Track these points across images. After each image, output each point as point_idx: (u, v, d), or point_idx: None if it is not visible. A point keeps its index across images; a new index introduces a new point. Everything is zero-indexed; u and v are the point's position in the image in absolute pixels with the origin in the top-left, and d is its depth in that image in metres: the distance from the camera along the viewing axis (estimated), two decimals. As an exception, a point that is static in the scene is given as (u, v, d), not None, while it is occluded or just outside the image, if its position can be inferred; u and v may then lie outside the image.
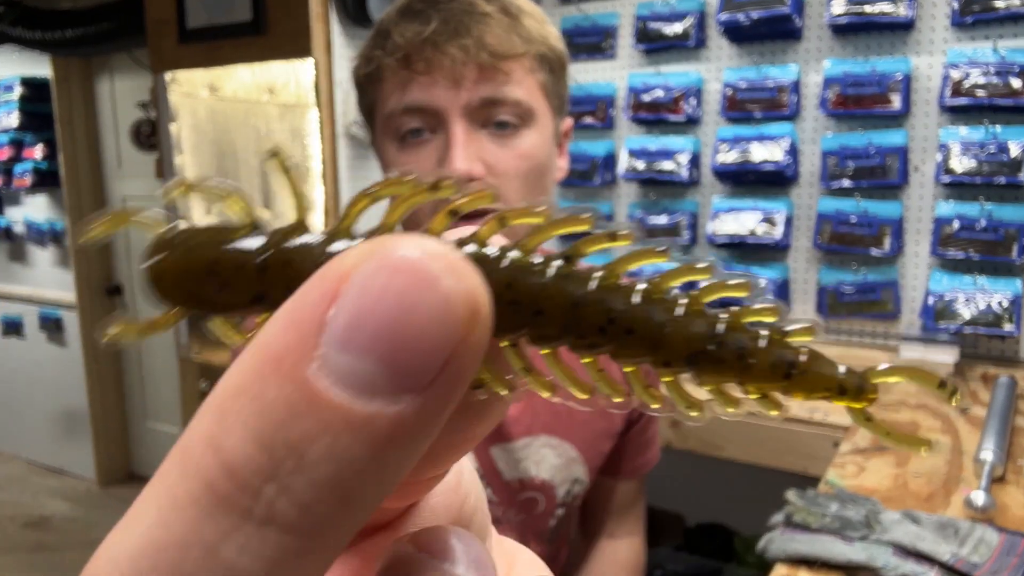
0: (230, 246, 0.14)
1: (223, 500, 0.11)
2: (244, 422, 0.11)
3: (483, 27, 0.59)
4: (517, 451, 0.72)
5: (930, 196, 1.45)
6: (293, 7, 1.60)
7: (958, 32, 1.41)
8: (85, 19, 2.31)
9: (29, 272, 3.21)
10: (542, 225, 0.14)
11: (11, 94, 2.94)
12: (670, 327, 0.14)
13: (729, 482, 1.83)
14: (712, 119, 1.65)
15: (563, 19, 1.80)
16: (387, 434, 0.11)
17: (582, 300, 0.14)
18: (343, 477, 0.11)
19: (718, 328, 0.14)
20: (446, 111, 0.61)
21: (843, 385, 0.15)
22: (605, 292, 0.14)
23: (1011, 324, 1.31)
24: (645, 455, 0.85)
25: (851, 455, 0.94)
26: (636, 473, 0.85)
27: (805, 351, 0.14)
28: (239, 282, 0.14)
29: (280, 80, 1.72)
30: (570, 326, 0.14)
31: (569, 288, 0.14)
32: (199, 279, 0.14)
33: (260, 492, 0.11)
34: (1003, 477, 0.86)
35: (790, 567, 0.68)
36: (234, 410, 0.11)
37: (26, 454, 3.39)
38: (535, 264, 0.14)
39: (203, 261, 0.14)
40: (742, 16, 1.51)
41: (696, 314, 0.14)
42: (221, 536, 0.11)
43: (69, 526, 2.79)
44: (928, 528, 0.70)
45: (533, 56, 0.62)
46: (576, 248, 0.14)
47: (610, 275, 0.15)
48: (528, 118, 0.63)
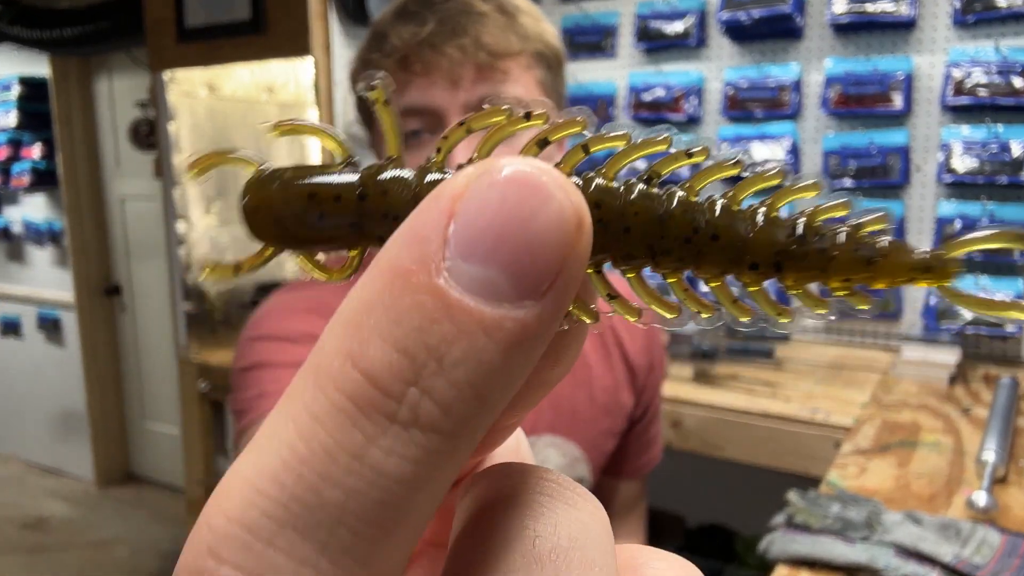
0: (327, 179, 0.15)
1: (367, 406, 0.12)
2: (382, 332, 0.12)
3: (480, 26, 0.60)
4: None
5: (932, 196, 1.45)
6: (292, 6, 1.60)
7: (960, 31, 1.40)
8: (83, 18, 2.30)
9: (27, 272, 3.21)
10: (624, 149, 0.15)
11: (9, 93, 2.94)
12: (753, 231, 0.15)
13: (730, 483, 1.83)
14: (713, 118, 1.65)
15: (563, 18, 1.80)
16: (514, 336, 0.12)
17: (667, 214, 0.15)
18: (478, 376, 0.12)
19: (798, 229, 0.15)
20: (445, 111, 0.61)
21: (926, 264, 0.15)
22: (688, 205, 0.15)
23: (1013, 324, 1.31)
24: (647, 454, 0.85)
25: (852, 456, 0.94)
26: (638, 473, 0.85)
27: (884, 239, 0.15)
28: (338, 212, 0.15)
29: (279, 79, 1.72)
30: (656, 242, 0.15)
31: (654, 205, 0.15)
32: (297, 211, 0.15)
33: (404, 396, 0.12)
34: (1005, 478, 0.86)
35: (791, 568, 0.68)
36: (369, 323, 0.12)
37: (24, 455, 3.38)
38: (620, 184, 0.15)
39: (303, 193, 0.15)
40: (743, 15, 1.51)
41: (775, 218, 0.15)
42: (367, 441, 0.12)
43: (67, 527, 2.78)
44: (930, 529, 0.70)
45: (530, 54, 0.62)
46: (655, 168, 0.15)
47: (690, 191, 0.15)
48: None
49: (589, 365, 0.76)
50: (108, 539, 2.67)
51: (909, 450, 0.96)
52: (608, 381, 0.77)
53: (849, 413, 1.11)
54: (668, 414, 1.21)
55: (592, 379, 0.75)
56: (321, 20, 1.61)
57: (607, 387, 0.76)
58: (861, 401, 1.17)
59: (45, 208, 3.08)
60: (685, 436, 1.20)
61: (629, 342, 0.78)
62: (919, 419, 1.07)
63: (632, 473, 0.84)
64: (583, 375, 0.75)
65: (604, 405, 0.76)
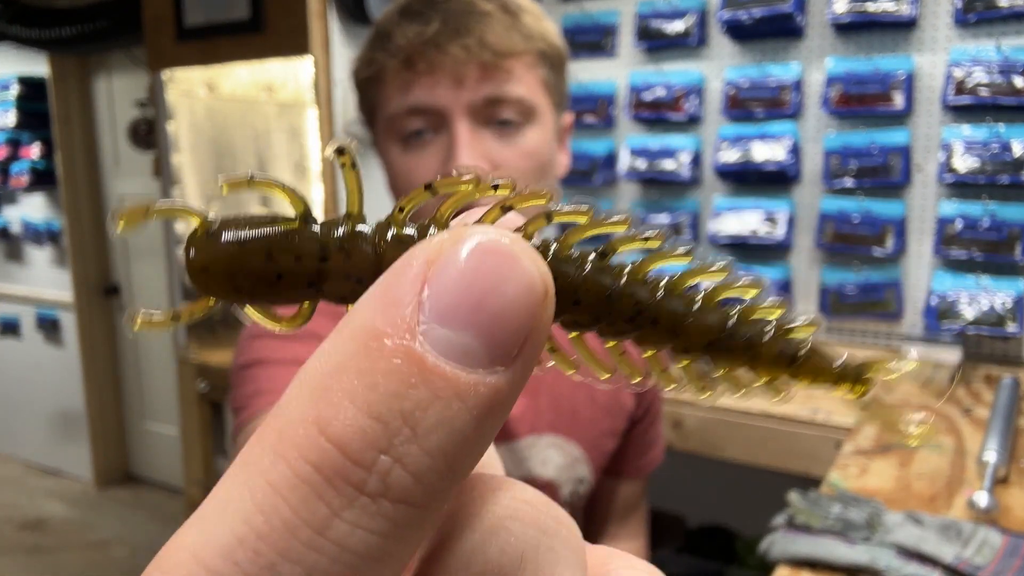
0: (286, 237, 0.15)
1: (334, 476, 0.11)
2: (354, 397, 0.11)
3: (484, 26, 0.60)
4: (522, 450, 0.72)
5: (933, 195, 1.45)
6: (292, 5, 1.60)
7: (961, 30, 1.40)
8: (82, 17, 2.30)
9: (26, 272, 3.20)
10: (584, 224, 0.16)
11: (8, 93, 2.93)
12: (690, 319, 0.17)
13: (731, 484, 1.82)
14: (714, 118, 1.65)
15: (564, 17, 1.79)
16: (487, 402, 0.12)
17: (615, 293, 0.16)
18: (452, 443, 0.11)
19: (731, 321, 0.17)
20: (449, 111, 0.61)
21: (841, 375, 0.17)
22: (635, 286, 0.16)
23: (1014, 324, 1.31)
24: (648, 455, 0.85)
25: (853, 456, 0.94)
26: (639, 473, 0.85)
27: (807, 342, 0.17)
28: (296, 271, 0.15)
29: (278, 78, 1.71)
30: (602, 315, 0.16)
31: (604, 282, 0.16)
32: (252, 269, 0.15)
33: (375, 464, 0.11)
34: (1006, 478, 0.86)
35: (792, 569, 0.68)
36: (339, 388, 0.11)
37: (23, 455, 3.38)
38: (575, 258, 0.16)
39: (258, 251, 0.15)
40: (744, 14, 1.51)
41: (712, 308, 0.17)
42: (331, 514, 0.11)
43: (66, 527, 2.78)
44: (931, 530, 0.70)
45: (534, 53, 0.62)
46: (611, 245, 0.16)
47: (639, 271, 0.16)
48: (530, 115, 0.63)
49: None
50: (107, 539, 2.67)
51: (910, 451, 0.96)
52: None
53: (850, 414, 1.11)
54: (669, 415, 1.20)
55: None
56: (320, 19, 1.61)
57: (608, 388, 0.76)
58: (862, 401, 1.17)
59: (44, 208, 3.07)
60: (686, 436, 1.20)
61: (630, 343, 0.78)
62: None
63: (633, 473, 0.84)
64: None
65: (605, 405, 0.76)
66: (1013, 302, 1.32)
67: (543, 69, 0.64)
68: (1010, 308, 1.32)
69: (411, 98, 0.61)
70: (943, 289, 1.38)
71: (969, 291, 1.36)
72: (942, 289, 1.38)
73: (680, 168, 1.64)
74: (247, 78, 1.74)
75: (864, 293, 1.50)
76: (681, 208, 1.69)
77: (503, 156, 0.63)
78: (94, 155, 2.97)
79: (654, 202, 1.73)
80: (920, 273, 1.48)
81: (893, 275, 1.48)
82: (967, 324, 1.34)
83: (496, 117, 0.62)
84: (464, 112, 0.61)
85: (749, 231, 1.56)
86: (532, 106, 0.63)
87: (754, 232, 1.55)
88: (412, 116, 0.62)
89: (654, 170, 1.65)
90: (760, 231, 1.55)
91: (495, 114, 0.62)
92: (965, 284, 1.37)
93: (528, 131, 0.63)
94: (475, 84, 0.60)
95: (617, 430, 0.79)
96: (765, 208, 1.56)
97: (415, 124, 0.63)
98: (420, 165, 0.63)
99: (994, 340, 1.42)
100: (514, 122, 0.63)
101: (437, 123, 0.62)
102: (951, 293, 1.37)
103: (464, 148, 0.60)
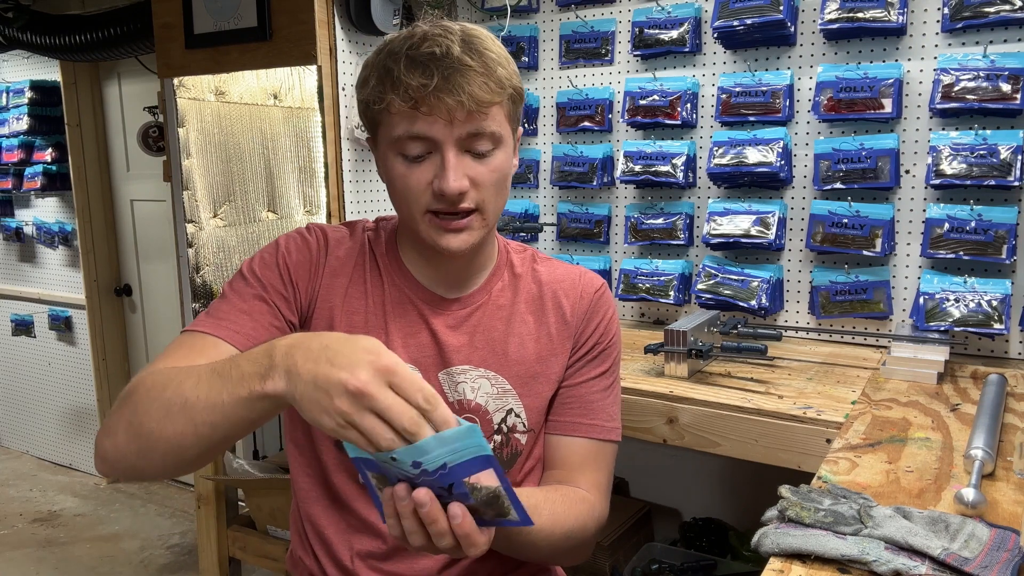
0: None
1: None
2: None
3: (470, 84, 0.77)
4: (455, 375, 0.90)
5: (921, 198, 1.47)
6: (298, 13, 1.63)
7: (949, 37, 1.43)
8: (94, 24, 2.34)
9: (39, 273, 3.26)
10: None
11: (21, 98, 2.97)
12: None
13: (724, 478, 1.85)
14: (707, 123, 1.68)
15: (562, 25, 1.83)
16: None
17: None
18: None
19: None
20: (442, 141, 0.79)
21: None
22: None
23: (1000, 323, 1.33)
24: (588, 418, 0.92)
25: (844, 451, 0.95)
26: (577, 431, 0.92)
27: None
28: None
29: (285, 85, 1.75)
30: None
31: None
32: None
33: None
34: (993, 473, 0.86)
35: (784, 561, 0.69)
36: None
37: (35, 451, 3.43)
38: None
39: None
40: (736, 22, 1.54)
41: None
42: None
43: (77, 521, 2.83)
44: (920, 523, 0.70)
45: (504, 98, 0.81)
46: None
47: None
48: (498, 142, 0.83)
49: (525, 319, 0.92)
50: (118, 533, 2.72)
51: (899, 446, 0.96)
52: (542, 332, 0.92)
53: (840, 410, 1.13)
54: (663, 410, 1.23)
55: (526, 330, 0.92)
56: (326, 28, 1.64)
57: (540, 337, 0.92)
58: (852, 398, 1.18)
59: (56, 210, 3.12)
60: (680, 433, 1.21)
61: (568, 305, 0.93)
62: (909, 416, 1.08)
63: (570, 430, 0.92)
64: (519, 326, 0.92)
65: (536, 352, 0.92)
66: (999, 302, 1.34)
67: (508, 105, 0.83)
68: (996, 307, 1.34)
69: (415, 128, 0.79)
70: (931, 289, 1.39)
71: (956, 291, 1.38)
72: (930, 289, 1.39)
73: (675, 172, 1.67)
74: (255, 84, 1.78)
75: (854, 293, 1.52)
76: (676, 211, 1.72)
77: (478, 172, 0.82)
78: (105, 159, 3.02)
79: (650, 204, 1.76)
80: (908, 274, 1.50)
81: (882, 276, 1.51)
82: (954, 323, 1.36)
83: (475, 148, 0.81)
84: (453, 143, 0.79)
85: (742, 233, 1.58)
86: (500, 136, 0.82)
87: (747, 234, 1.58)
88: (413, 141, 0.80)
89: (649, 173, 1.68)
90: (752, 233, 1.58)
91: (474, 145, 0.81)
92: (952, 285, 1.39)
93: (496, 154, 0.83)
94: (462, 123, 0.79)
95: (552, 375, 0.92)
96: (757, 211, 1.59)
97: (416, 148, 0.80)
98: (415, 176, 0.81)
99: (981, 339, 1.44)
100: (487, 151, 0.82)
101: (431, 148, 0.80)
102: (939, 293, 1.38)
103: (451, 170, 0.79)
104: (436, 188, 0.79)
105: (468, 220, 0.82)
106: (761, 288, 1.56)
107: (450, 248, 0.83)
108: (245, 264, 0.88)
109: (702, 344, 1.30)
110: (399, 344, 0.88)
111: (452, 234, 0.82)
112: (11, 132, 3.02)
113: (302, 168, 1.76)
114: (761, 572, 0.68)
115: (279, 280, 0.85)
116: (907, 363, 1.29)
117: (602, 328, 0.95)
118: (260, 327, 0.81)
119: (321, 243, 0.90)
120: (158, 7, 1.83)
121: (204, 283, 1.85)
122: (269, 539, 1.83)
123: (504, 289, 0.93)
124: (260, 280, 0.85)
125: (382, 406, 0.55)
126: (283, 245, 0.88)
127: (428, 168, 0.80)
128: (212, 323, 0.80)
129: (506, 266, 0.95)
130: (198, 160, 1.83)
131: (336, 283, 0.88)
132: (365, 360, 0.56)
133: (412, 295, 0.90)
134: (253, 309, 0.82)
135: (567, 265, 0.98)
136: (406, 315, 0.89)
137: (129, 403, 0.69)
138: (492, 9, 1.89)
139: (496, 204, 0.85)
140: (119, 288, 3.08)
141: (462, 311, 0.90)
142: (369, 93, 0.81)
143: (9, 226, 3.22)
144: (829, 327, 1.58)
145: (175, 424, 0.64)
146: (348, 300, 0.88)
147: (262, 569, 1.99)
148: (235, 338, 0.79)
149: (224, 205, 1.84)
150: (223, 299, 0.84)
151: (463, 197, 0.80)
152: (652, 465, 1.92)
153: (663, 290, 1.70)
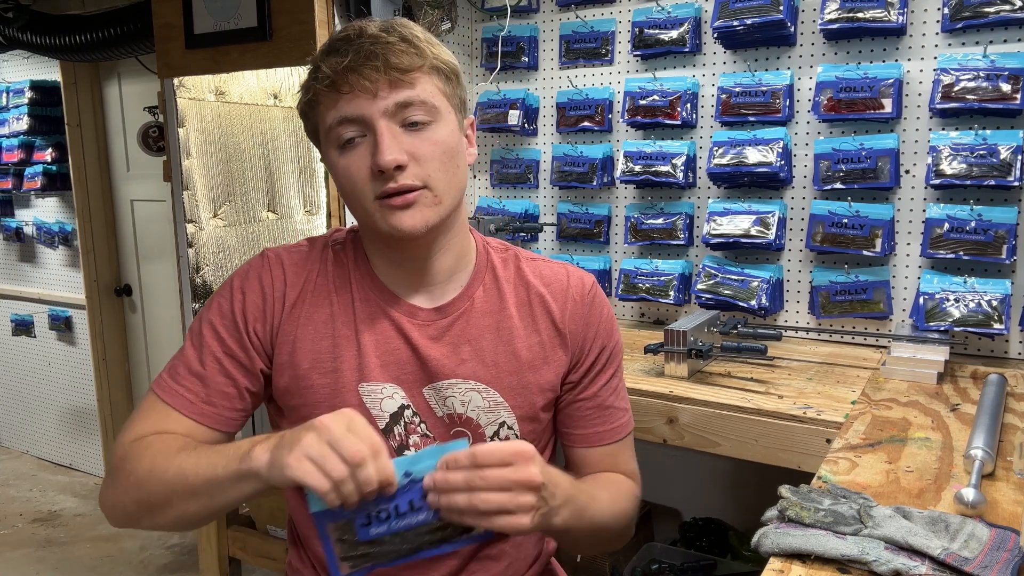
0: None
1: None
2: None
3: (387, 51, 0.76)
4: (443, 390, 0.85)
5: (921, 198, 1.48)
6: (298, 13, 1.63)
7: (949, 37, 1.43)
8: (94, 24, 2.34)
9: (39, 273, 3.26)
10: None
11: (21, 98, 2.97)
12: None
13: (724, 478, 1.86)
14: (707, 123, 1.68)
15: (562, 25, 1.83)
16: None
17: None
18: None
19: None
20: (370, 117, 0.76)
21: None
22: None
23: (1000, 323, 1.33)
24: (609, 424, 0.91)
25: (844, 451, 0.95)
26: (601, 440, 0.91)
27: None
28: None
29: (285, 85, 1.75)
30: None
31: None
32: None
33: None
34: (993, 473, 0.86)
35: (784, 561, 0.69)
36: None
37: (36, 451, 3.44)
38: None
39: None
40: (736, 22, 1.54)
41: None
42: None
43: (78, 521, 2.83)
44: (919, 523, 0.71)
45: (428, 67, 0.79)
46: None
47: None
48: (435, 114, 0.79)
49: (513, 326, 0.87)
50: (118, 533, 2.72)
51: (899, 446, 0.96)
52: (533, 340, 0.88)
53: (840, 410, 1.13)
54: (664, 410, 1.23)
55: (515, 338, 0.87)
56: (326, 28, 1.64)
57: (531, 345, 0.88)
58: (852, 398, 1.18)
59: (56, 210, 3.12)
60: (680, 433, 1.21)
61: (557, 310, 0.89)
62: (909, 416, 1.08)
63: (595, 440, 0.91)
64: (507, 334, 0.87)
65: (528, 361, 0.87)
66: (999, 301, 1.34)
67: (438, 79, 0.80)
68: (996, 307, 1.34)
69: (340, 111, 0.77)
70: (931, 289, 1.39)
71: (956, 291, 1.38)
72: (930, 289, 1.39)
73: (675, 172, 1.67)
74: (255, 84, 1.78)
75: (854, 293, 1.52)
76: (676, 211, 1.72)
77: (417, 146, 0.77)
78: (105, 159, 3.02)
79: (649, 204, 1.76)
80: (908, 273, 1.50)
81: (882, 276, 1.51)
82: (954, 323, 1.36)
83: (408, 118, 0.77)
84: (382, 116, 0.76)
85: (742, 233, 1.58)
86: (434, 107, 0.78)
87: (747, 234, 1.58)
88: (343, 126, 0.77)
89: (649, 173, 1.68)
90: (752, 233, 1.58)
91: (407, 115, 0.77)
92: (952, 284, 1.39)
93: (435, 127, 0.79)
94: (387, 94, 0.76)
95: (545, 385, 0.88)
96: (757, 211, 1.59)
97: (348, 132, 0.77)
98: (354, 163, 0.78)
99: (981, 338, 1.44)
100: (422, 121, 0.78)
101: (363, 128, 0.77)
102: (939, 293, 1.39)
103: (385, 142, 0.75)
104: (372, 165, 0.75)
105: (416, 195, 0.77)
106: (761, 288, 1.57)
107: (403, 228, 0.77)
108: (204, 311, 0.85)
109: (702, 344, 1.31)
110: (374, 357, 0.83)
111: (401, 211, 0.76)
112: (11, 132, 3.02)
113: (302, 168, 1.76)
114: (761, 572, 0.68)
115: (236, 332, 0.83)
116: (907, 363, 1.29)
117: (603, 333, 0.91)
118: (212, 393, 0.81)
119: (278, 275, 0.85)
120: (158, 7, 1.83)
121: (204, 283, 1.85)
122: (269, 539, 1.83)
123: (487, 294, 0.88)
124: (217, 335, 0.83)
125: (335, 437, 0.63)
126: (237, 287, 0.85)
127: (364, 151, 0.77)
128: (170, 391, 0.82)
129: (487, 269, 0.89)
130: (198, 160, 1.83)
131: (297, 312, 0.84)
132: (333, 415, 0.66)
133: (384, 305, 0.85)
134: (207, 373, 0.82)
135: (553, 264, 0.93)
136: (378, 326, 0.84)
137: (132, 480, 0.76)
138: (492, 9, 1.89)
139: (448, 182, 0.79)
140: (119, 288, 3.08)
141: (443, 321, 0.85)
142: (301, 98, 0.81)
143: (9, 226, 3.23)
144: (829, 327, 1.58)
145: (187, 505, 0.73)
146: (312, 326, 0.84)
147: (262, 569, 1.99)
148: (189, 408, 0.81)
149: (224, 205, 1.84)
150: (182, 355, 0.84)
151: (403, 172, 0.76)
152: (652, 465, 1.92)
153: (663, 290, 1.70)
